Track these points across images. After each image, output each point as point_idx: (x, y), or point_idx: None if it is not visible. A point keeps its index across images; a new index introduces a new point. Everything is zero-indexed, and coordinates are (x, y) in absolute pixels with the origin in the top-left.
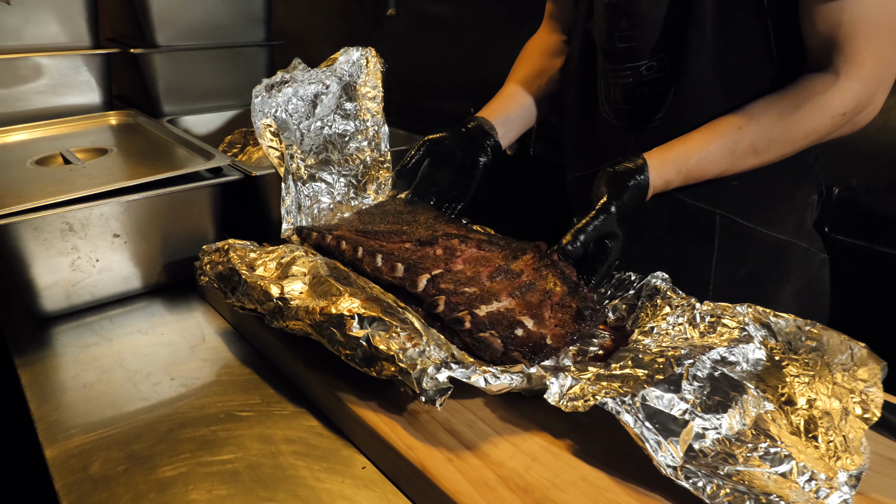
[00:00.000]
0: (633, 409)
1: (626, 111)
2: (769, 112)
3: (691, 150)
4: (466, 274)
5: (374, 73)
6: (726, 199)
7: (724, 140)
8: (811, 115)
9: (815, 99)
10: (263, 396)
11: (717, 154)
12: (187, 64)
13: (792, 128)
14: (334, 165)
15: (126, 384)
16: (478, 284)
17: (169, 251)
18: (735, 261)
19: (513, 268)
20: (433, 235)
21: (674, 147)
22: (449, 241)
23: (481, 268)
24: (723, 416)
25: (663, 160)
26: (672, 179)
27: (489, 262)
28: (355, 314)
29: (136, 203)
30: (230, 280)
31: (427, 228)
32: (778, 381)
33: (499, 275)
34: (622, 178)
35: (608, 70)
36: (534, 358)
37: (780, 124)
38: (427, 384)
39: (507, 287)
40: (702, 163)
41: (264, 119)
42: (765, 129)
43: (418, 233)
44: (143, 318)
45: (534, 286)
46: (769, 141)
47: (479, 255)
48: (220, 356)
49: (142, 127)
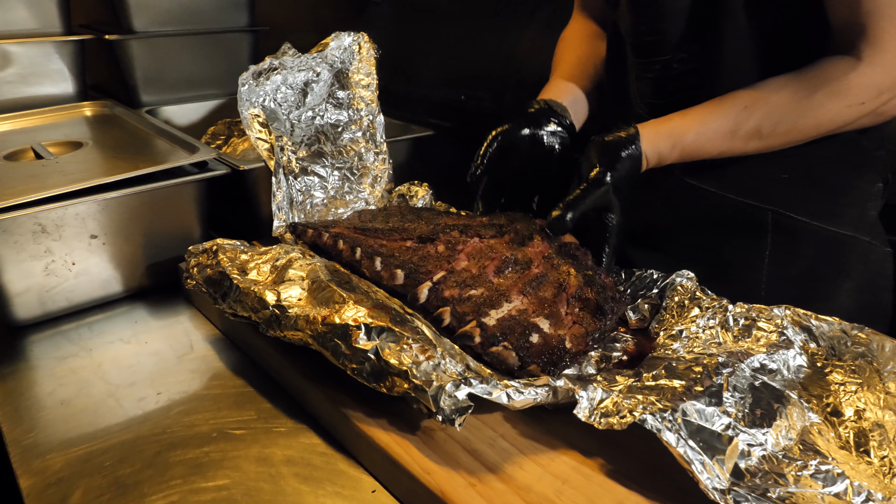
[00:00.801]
0: (674, 426)
1: (659, 106)
2: (780, 94)
3: (689, 126)
4: (471, 272)
5: (367, 60)
6: (777, 194)
7: (726, 118)
8: (826, 101)
9: (832, 84)
10: (259, 411)
11: (717, 132)
12: (166, 51)
13: (802, 114)
14: (327, 158)
15: (108, 400)
16: (485, 283)
17: (151, 252)
18: (789, 258)
19: (520, 258)
20: (434, 230)
21: (671, 120)
22: (450, 234)
23: (487, 261)
24: (768, 431)
25: (658, 132)
26: (666, 154)
27: (495, 254)
28: (362, 324)
29: (115, 201)
30: (220, 285)
31: (428, 223)
32: (822, 390)
33: (506, 268)
34: (614, 147)
35: (637, 64)
36: (553, 370)
37: (790, 109)
38: (445, 403)
39: (516, 283)
40: (700, 139)
41: (252, 109)
42: (773, 112)
43: (420, 228)
44: (126, 324)
45: (546, 278)
46: (775, 125)
47: (484, 247)
48: (210, 366)
49: (119, 118)
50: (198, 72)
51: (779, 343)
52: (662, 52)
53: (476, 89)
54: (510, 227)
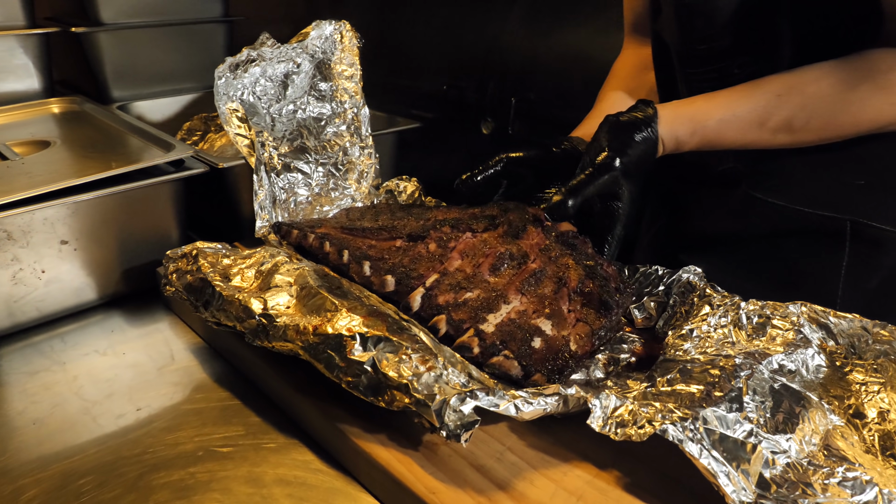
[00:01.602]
0: (696, 435)
1: None
2: (819, 84)
3: (714, 110)
4: (465, 272)
5: (349, 50)
6: (854, 202)
7: (756, 106)
8: (869, 97)
9: (878, 78)
10: (247, 426)
11: (744, 121)
12: (137, 43)
13: (841, 109)
14: (311, 153)
15: (84, 418)
16: (480, 284)
17: (127, 256)
18: (868, 269)
19: (516, 252)
20: (424, 227)
21: (694, 103)
22: (441, 230)
23: (481, 258)
24: (791, 437)
25: (677, 115)
26: (684, 140)
27: (489, 249)
28: (357, 334)
29: (86, 204)
30: (202, 293)
31: (418, 219)
32: (842, 391)
33: (502, 264)
34: (627, 129)
35: (690, 74)
36: (559, 378)
37: (828, 102)
38: (449, 418)
39: (514, 280)
40: (723, 127)
41: (230, 103)
42: (808, 104)
43: (410, 225)
44: (101, 334)
45: (544, 273)
46: (808, 118)
47: (477, 242)
48: (193, 378)
49: (89, 115)
50: (170, 65)
51: (796, 342)
52: (718, 60)
53: (458, 79)
54: (503, 217)
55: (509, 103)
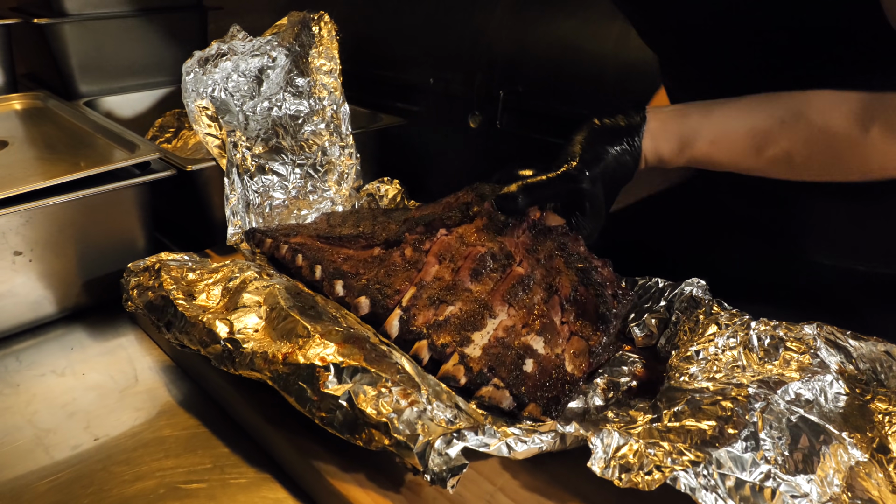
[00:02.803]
0: (710, 482)
1: None
2: (827, 116)
3: (707, 129)
4: (444, 279)
5: (328, 43)
6: None
7: (754, 130)
8: (881, 141)
9: (892, 119)
10: (215, 458)
11: (739, 145)
12: (104, 35)
13: (848, 150)
14: (287, 154)
15: (36, 450)
16: (462, 294)
17: (88, 267)
18: None
19: (498, 252)
20: (400, 230)
21: (688, 115)
22: (416, 230)
23: (460, 260)
24: (812, 477)
25: (666, 128)
26: (669, 158)
27: (468, 249)
28: (330, 364)
29: (42, 212)
30: (164, 312)
31: (397, 222)
32: (864, 422)
33: (483, 268)
34: (608, 137)
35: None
36: (556, 409)
37: (835, 140)
38: (434, 462)
39: (499, 288)
40: (714, 149)
41: (199, 100)
42: (812, 138)
43: (388, 230)
44: (60, 352)
45: (532, 280)
46: (810, 155)
47: (453, 240)
48: (158, 402)
49: (52, 112)
50: (141, 58)
51: (813, 366)
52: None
53: (444, 71)
54: (480, 206)
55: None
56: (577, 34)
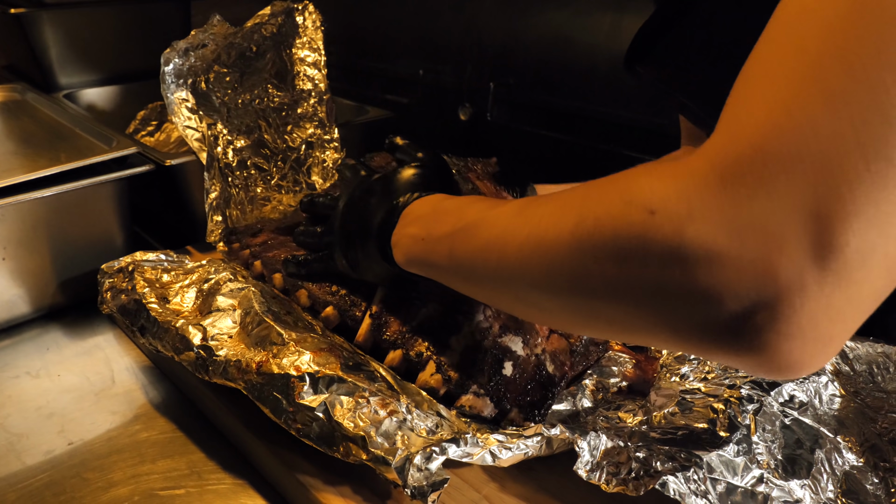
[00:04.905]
0: (700, 488)
1: None
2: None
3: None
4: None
5: (312, 33)
6: None
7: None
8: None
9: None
10: (192, 464)
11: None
12: (85, 25)
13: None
14: (270, 147)
15: (8, 455)
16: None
17: (65, 265)
18: None
19: None
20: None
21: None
22: None
23: None
24: (805, 482)
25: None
26: (407, 259)
27: None
28: (305, 374)
29: (16, 209)
30: (137, 316)
31: None
32: (859, 425)
33: None
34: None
35: None
36: (539, 413)
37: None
38: (414, 477)
39: None
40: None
41: (178, 92)
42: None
43: None
44: (35, 352)
45: None
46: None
47: None
48: (134, 405)
49: (30, 105)
50: (123, 48)
51: None
52: None
53: (434, 62)
54: None
55: (488, 88)
56: (568, 26)
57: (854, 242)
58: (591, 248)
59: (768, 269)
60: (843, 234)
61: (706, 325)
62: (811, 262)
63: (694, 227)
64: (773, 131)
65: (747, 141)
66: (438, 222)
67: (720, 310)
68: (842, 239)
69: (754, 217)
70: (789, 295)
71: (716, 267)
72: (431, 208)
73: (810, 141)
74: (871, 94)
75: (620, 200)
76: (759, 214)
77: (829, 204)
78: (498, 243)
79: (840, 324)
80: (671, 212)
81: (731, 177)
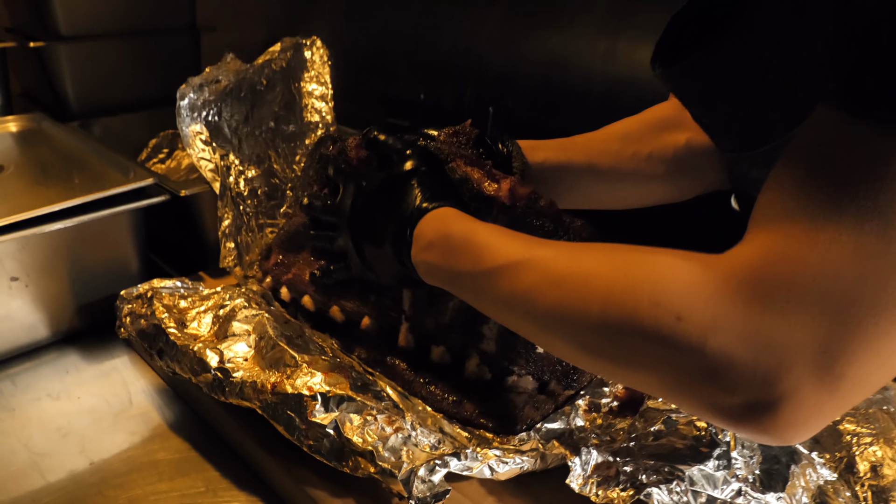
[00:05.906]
0: (682, 500)
1: None
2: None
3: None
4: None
5: (320, 67)
6: None
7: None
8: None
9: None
10: (207, 481)
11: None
12: (99, 56)
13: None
14: (279, 176)
15: (32, 474)
16: None
17: (83, 291)
18: None
19: None
20: None
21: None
22: None
23: None
24: (781, 495)
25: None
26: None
27: None
28: (317, 394)
29: (37, 238)
30: (156, 340)
31: None
32: (833, 441)
33: None
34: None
35: None
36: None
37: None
38: (418, 488)
39: None
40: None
41: (193, 125)
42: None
43: None
44: (55, 375)
45: None
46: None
47: None
48: (151, 425)
49: (46, 134)
50: (136, 78)
51: None
52: None
53: (434, 85)
54: None
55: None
56: (565, 50)
57: (852, 374)
58: (618, 334)
59: (776, 382)
60: (845, 368)
61: (715, 407)
62: (812, 384)
63: (716, 339)
64: (802, 269)
65: (778, 267)
66: (454, 255)
67: (731, 401)
68: (841, 371)
69: (772, 339)
70: (790, 403)
71: (731, 372)
72: (444, 236)
73: (834, 286)
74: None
75: (649, 301)
76: (776, 338)
77: (837, 345)
78: (523, 300)
79: (830, 419)
80: (696, 321)
81: (757, 297)
